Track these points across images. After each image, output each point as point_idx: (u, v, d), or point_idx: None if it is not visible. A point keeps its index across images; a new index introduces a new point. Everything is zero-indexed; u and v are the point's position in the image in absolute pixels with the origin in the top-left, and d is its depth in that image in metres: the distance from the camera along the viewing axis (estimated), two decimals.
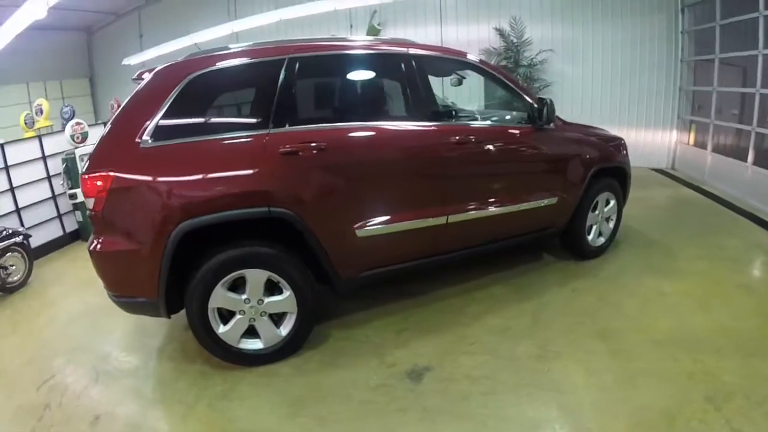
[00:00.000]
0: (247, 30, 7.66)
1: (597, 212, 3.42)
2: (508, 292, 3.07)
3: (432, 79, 3.91)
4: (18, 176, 4.48)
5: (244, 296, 2.30)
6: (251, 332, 2.39)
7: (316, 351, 2.51)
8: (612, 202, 3.50)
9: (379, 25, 7.41)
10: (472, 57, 3.06)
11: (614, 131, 6.37)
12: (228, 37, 8.03)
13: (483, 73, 3.08)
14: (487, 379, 2.18)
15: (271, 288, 2.36)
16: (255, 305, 2.32)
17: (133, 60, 8.13)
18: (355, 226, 2.40)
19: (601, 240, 3.54)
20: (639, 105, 6.21)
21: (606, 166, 3.37)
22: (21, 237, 3.94)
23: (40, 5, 4.37)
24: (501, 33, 6.77)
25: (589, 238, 3.44)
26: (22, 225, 4.48)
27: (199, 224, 2.13)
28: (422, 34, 7.27)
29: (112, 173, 2.11)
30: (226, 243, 2.25)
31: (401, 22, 7.48)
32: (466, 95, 6.36)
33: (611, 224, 3.59)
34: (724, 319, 2.58)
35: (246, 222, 2.24)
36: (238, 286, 2.31)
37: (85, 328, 3.01)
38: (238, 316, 2.33)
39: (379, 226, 2.46)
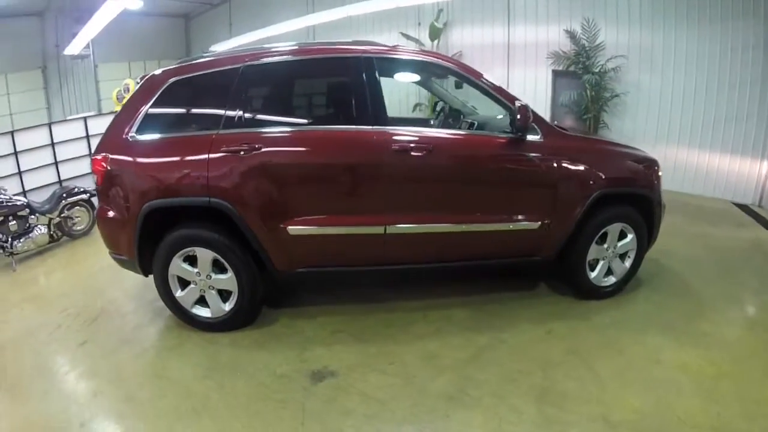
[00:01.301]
0: (322, 24, 8.18)
1: (606, 245, 2.90)
2: (469, 318, 2.81)
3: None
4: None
5: (195, 270, 2.59)
6: (204, 301, 2.69)
7: (256, 330, 2.70)
8: (629, 236, 2.94)
9: (444, 24, 7.39)
10: (430, 56, 2.89)
11: (694, 154, 5.71)
12: (304, 30, 8.69)
13: (450, 73, 2.88)
14: (380, 403, 2.07)
15: (223, 267, 2.59)
16: (204, 279, 2.59)
17: (219, 47, 9.19)
18: (287, 223, 2.48)
19: (611, 279, 3.02)
20: (726, 126, 5.31)
21: (619, 192, 2.87)
22: (88, 195, 4.86)
23: None
24: (572, 35, 6.30)
25: (593, 274, 2.94)
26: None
27: (160, 205, 2.49)
28: (489, 35, 7.04)
29: (108, 156, 2.58)
30: (188, 223, 2.57)
31: (468, 21, 7.29)
32: None
33: (627, 263, 3.01)
34: (728, 415, 1.92)
35: (196, 208, 2.51)
36: (194, 260, 2.60)
37: (111, 275, 3.59)
38: (191, 286, 2.64)
39: (309, 227, 2.50)
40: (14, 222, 4.11)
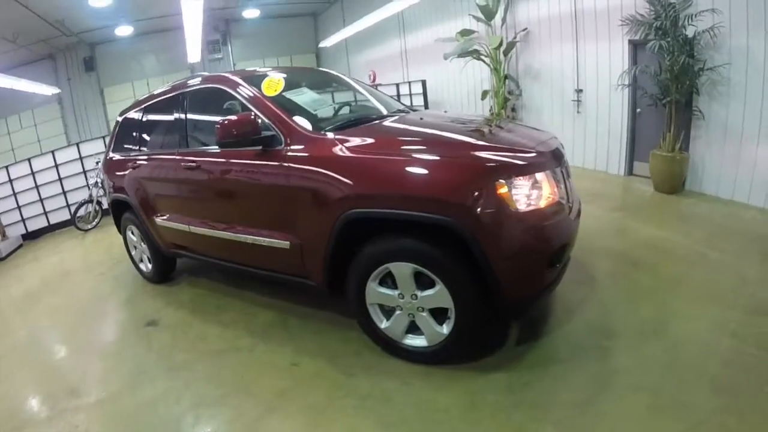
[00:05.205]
0: (409, 8, 8.73)
1: (399, 291, 2.37)
2: (265, 323, 3.16)
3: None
4: None
5: (135, 239, 4.26)
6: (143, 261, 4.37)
7: (165, 287, 4.16)
8: (437, 288, 2.25)
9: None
10: (213, 81, 3.24)
11: None
12: (394, 17, 9.50)
13: (227, 95, 3.05)
14: (147, 349, 3.11)
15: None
16: (138, 246, 4.26)
17: (326, 43, 10.87)
18: (155, 215, 3.74)
19: (421, 341, 2.45)
20: None
21: (379, 215, 2.27)
22: None
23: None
24: None
25: (385, 325, 2.51)
26: None
27: (114, 198, 4.25)
28: (555, 5, 6.48)
29: (104, 168, 4.50)
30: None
31: None
32: None
33: (446, 326, 2.33)
34: None
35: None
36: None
37: None
38: (136, 249, 4.36)
39: (159, 220, 3.69)
40: None
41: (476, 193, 2.08)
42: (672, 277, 3.16)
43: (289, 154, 2.58)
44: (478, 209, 2.07)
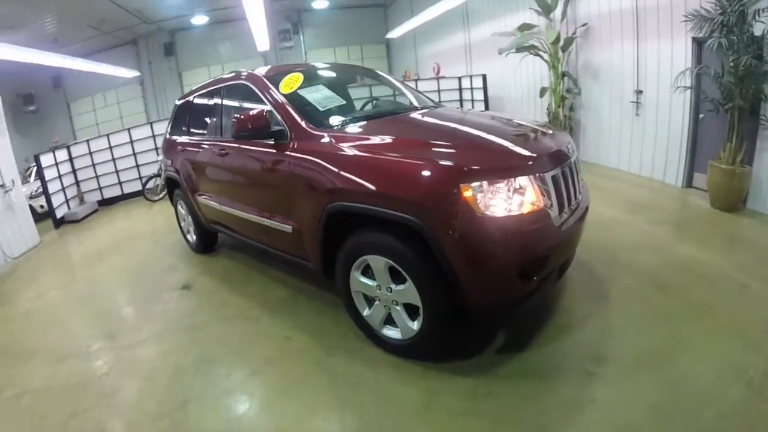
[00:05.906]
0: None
1: (376, 282, 2.51)
2: (278, 299, 3.52)
3: None
4: None
5: (183, 213, 4.85)
6: (190, 233, 4.95)
7: (206, 256, 4.73)
8: (407, 284, 2.33)
9: None
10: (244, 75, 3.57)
11: None
12: (460, 9, 9.53)
13: (248, 90, 3.39)
14: (177, 309, 3.62)
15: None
16: (186, 219, 4.85)
17: (394, 34, 11.00)
18: (197, 193, 4.25)
19: (395, 334, 2.58)
20: None
21: (354, 208, 2.42)
22: None
23: None
24: None
25: (366, 312, 2.69)
26: None
27: (168, 175, 4.86)
28: (616, 1, 6.13)
29: (163, 146, 5.09)
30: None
31: None
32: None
33: (416, 322, 2.41)
34: None
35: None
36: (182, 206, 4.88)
37: None
38: (184, 222, 4.95)
39: (199, 198, 4.19)
40: None
41: (439, 195, 2.09)
42: (698, 305, 2.82)
43: (292, 146, 2.86)
44: (440, 211, 2.09)
